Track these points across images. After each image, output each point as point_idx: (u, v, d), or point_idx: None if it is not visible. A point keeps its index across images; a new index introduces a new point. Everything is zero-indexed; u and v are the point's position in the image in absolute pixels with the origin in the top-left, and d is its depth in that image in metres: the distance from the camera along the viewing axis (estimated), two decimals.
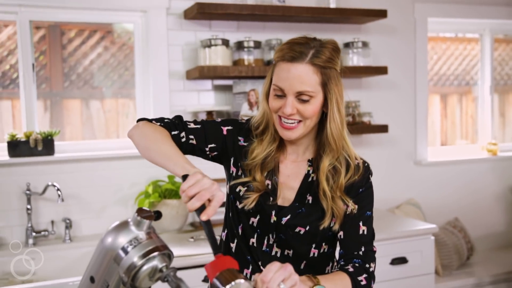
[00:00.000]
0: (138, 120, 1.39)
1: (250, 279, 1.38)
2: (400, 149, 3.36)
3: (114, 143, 2.82)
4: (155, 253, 1.04)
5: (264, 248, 1.38)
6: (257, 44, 2.78)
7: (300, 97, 1.27)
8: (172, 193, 2.64)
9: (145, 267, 1.03)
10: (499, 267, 3.30)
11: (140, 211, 1.07)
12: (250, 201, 1.34)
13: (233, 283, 1.01)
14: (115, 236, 1.06)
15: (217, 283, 1.02)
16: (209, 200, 1.08)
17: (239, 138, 1.42)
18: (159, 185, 2.69)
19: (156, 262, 1.04)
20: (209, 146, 1.40)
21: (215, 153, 1.42)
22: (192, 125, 1.40)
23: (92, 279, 1.08)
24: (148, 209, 1.08)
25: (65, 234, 2.57)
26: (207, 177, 1.10)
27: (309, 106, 1.28)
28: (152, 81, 2.77)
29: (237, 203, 1.38)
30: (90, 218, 2.69)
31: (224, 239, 1.47)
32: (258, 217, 1.37)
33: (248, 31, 2.91)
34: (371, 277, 1.32)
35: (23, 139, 2.52)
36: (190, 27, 2.82)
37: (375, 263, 1.36)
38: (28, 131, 2.59)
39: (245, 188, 1.37)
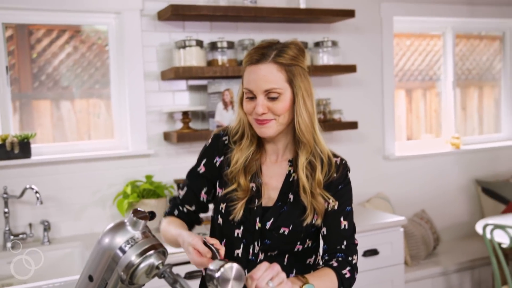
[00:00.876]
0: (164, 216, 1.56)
1: None
2: (369, 145, 3.48)
3: (90, 145, 2.84)
4: (152, 251, 1.10)
5: (250, 257, 1.43)
6: (231, 45, 2.84)
7: (269, 95, 1.35)
8: (150, 193, 2.69)
9: (142, 265, 1.09)
10: (463, 256, 3.45)
11: (135, 212, 1.12)
12: (238, 211, 1.40)
13: (226, 266, 1.09)
14: (113, 236, 1.11)
15: (211, 267, 1.10)
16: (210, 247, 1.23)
17: (215, 160, 1.50)
18: (137, 185, 2.73)
19: (153, 259, 1.11)
20: (202, 195, 1.51)
21: (212, 190, 1.52)
22: (181, 193, 1.55)
23: (90, 278, 1.13)
24: (143, 210, 1.14)
25: (44, 236, 2.58)
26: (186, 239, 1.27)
27: (279, 103, 1.36)
28: (127, 82, 2.80)
29: (219, 220, 1.45)
30: (69, 220, 2.71)
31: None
32: (242, 228, 1.42)
33: (221, 32, 2.97)
34: (354, 269, 1.41)
35: None
36: (164, 28, 2.86)
37: (357, 255, 1.44)
38: (3, 134, 2.58)
39: (225, 203, 1.44)
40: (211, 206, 1.55)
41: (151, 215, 1.14)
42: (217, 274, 1.09)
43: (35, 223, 2.63)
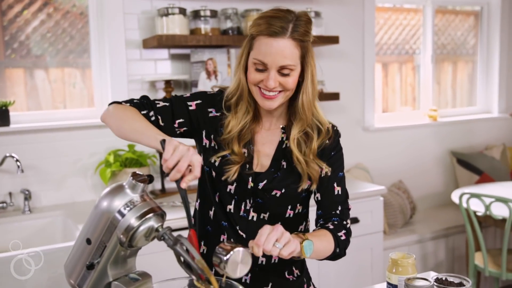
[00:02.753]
0: (109, 104, 1.42)
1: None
2: (349, 116, 3.51)
3: (70, 113, 2.79)
4: (151, 214, 1.11)
5: (241, 213, 1.43)
6: (214, 13, 2.80)
7: (282, 71, 1.32)
8: (133, 161, 2.67)
9: (141, 228, 1.10)
10: (438, 224, 3.55)
11: (135, 175, 1.12)
12: (232, 173, 1.39)
13: (232, 252, 1.11)
14: (111, 199, 1.11)
15: (219, 254, 1.12)
16: (188, 167, 1.12)
17: (210, 110, 1.46)
18: (119, 154, 2.71)
19: (152, 222, 1.11)
20: (177, 121, 1.43)
21: (184, 128, 1.45)
22: (160, 104, 1.43)
23: (88, 241, 1.13)
24: (141, 173, 1.14)
25: (24, 205, 2.54)
26: (182, 144, 1.15)
27: (290, 78, 1.33)
28: (108, 50, 2.75)
29: (214, 173, 1.43)
30: (50, 189, 2.68)
31: (198, 208, 1.52)
32: (235, 185, 1.42)
33: (204, 0, 2.93)
34: (348, 233, 1.44)
35: None
36: None
37: (350, 220, 1.48)
38: None
39: (220, 158, 1.41)
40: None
41: (150, 178, 1.14)
42: (225, 258, 1.10)
43: (15, 192, 2.59)
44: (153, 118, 1.41)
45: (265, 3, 2.97)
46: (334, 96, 3.16)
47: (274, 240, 1.17)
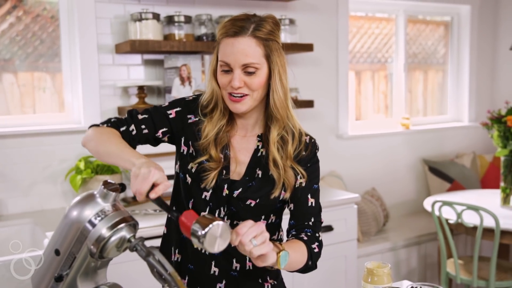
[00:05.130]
0: (89, 128, 1.45)
1: (201, 250, 1.43)
2: (323, 124, 3.52)
3: (39, 119, 2.72)
4: (123, 224, 1.07)
5: None
6: (188, 19, 2.78)
7: (246, 69, 1.32)
8: (104, 168, 2.61)
9: (113, 238, 1.06)
10: (411, 232, 3.58)
11: (106, 184, 1.09)
12: (210, 180, 1.38)
13: (210, 225, 1.08)
14: (81, 209, 1.07)
15: (196, 227, 1.08)
16: (154, 185, 1.15)
17: (189, 116, 1.46)
18: (90, 161, 2.65)
19: (124, 232, 1.08)
20: (160, 131, 1.45)
21: (168, 135, 1.47)
22: (140, 116, 1.45)
23: (57, 252, 1.09)
24: (113, 181, 1.10)
25: None
26: (145, 166, 1.15)
27: (255, 78, 1.33)
28: (79, 55, 2.69)
29: (189, 179, 1.42)
30: (17, 196, 2.60)
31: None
32: (210, 191, 1.41)
33: (178, 6, 2.90)
34: (320, 245, 1.43)
35: None
36: None
37: (321, 233, 1.47)
38: None
39: (197, 165, 1.40)
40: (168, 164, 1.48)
41: (122, 187, 1.11)
42: (203, 232, 1.07)
43: None
44: (134, 132, 1.43)
45: (238, 10, 2.95)
46: (308, 104, 3.16)
47: (252, 236, 1.15)
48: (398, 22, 3.98)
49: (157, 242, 1.45)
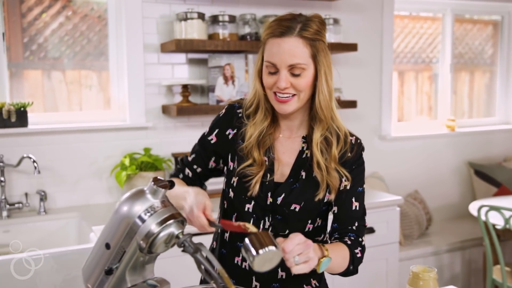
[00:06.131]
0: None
1: (241, 266, 1.43)
2: (366, 124, 3.48)
3: (87, 116, 2.79)
4: (171, 221, 1.09)
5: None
6: (232, 19, 2.79)
7: (293, 70, 1.30)
8: (148, 165, 2.66)
9: (162, 234, 1.08)
10: (454, 236, 3.50)
11: (156, 180, 1.10)
12: (254, 186, 1.37)
13: (266, 249, 1.08)
14: (131, 204, 1.09)
15: (250, 246, 1.08)
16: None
17: (228, 132, 1.46)
18: (135, 158, 2.70)
19: (173, 229, 1.09)
20: (210, 162, 1.49)
21: (220, 160, 1.49)
22: (190, 158, 1.53)
23: (107, 246, 1.11)
24: (162, 178, 1.12)
25: (40, 206, 2.55)
26: (187, 203, 1.24)
27: (302, 79, 1.31)
28: (126, 53, 2.75)
29: (232, 194, 1.42)
30: (65, 191, 2.68)
31: (219, 231, 1.51)
32: (253, 203, 1.40)
33: (222, 5, 2.92)
34: (363, 250, 1.41)
35: None
36: None
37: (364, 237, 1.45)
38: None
39: (238, 178, 1.40)
40: (216, 179, 1.53)
41: (171, 184, 1.12)
42: (257, 253, 1.08)
43: (31, 193, 2.60)
44: (190, 175, 1.52)
45: (283, 9, 2.94)
46: (352, 104, 3.13)
47: (297, 253, 1.15)
48: (445, 21, 3.89)
49: (205, 239, 1.46)
